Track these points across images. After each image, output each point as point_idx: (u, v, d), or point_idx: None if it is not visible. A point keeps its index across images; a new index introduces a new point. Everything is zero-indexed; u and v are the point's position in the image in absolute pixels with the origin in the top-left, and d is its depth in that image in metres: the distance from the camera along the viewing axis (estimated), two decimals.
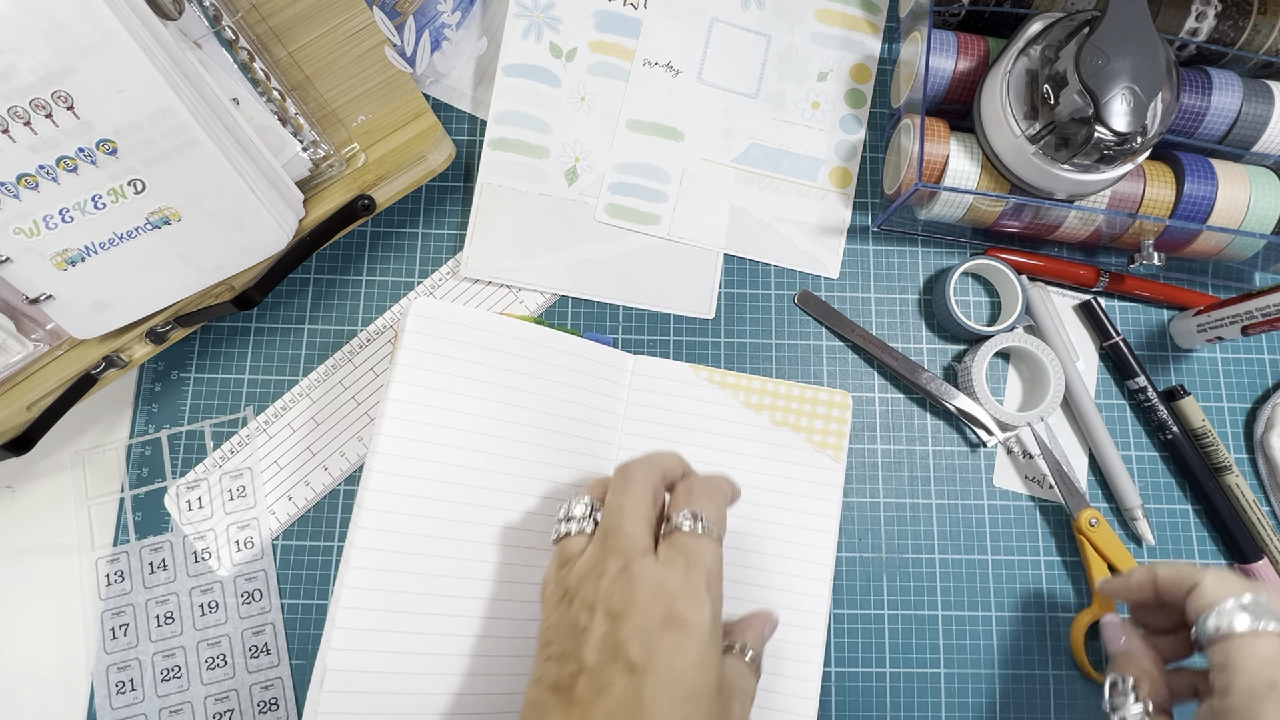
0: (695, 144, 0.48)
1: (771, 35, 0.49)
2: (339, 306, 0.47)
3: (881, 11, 0.51)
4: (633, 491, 0.33)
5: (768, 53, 0.49)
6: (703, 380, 0.45)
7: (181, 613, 0.42)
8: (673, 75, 0.48)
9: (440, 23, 0.47)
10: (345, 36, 0.41)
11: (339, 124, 0.42)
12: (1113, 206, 0.44)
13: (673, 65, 0.48)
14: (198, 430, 0.45)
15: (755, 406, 0.44)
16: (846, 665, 0.43)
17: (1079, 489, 0.45)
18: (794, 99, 0.49)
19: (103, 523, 0.43)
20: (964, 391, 0.46)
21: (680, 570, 0.30)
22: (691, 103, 0.48)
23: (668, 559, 0.31)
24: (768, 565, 0.42)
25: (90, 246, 0.37)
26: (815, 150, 0.49)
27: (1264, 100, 0.44)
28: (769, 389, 0.45)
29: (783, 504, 0.43)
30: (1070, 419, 0.47)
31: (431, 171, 0.43)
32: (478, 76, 0.49)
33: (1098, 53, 0.38)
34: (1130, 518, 0.45)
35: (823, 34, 0.50)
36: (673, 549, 0.31)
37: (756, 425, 0.44)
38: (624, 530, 0.31)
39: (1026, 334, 0.46)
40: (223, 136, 0.37)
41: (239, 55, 0.39)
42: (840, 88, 0.50)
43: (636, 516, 0.32)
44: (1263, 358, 0.48)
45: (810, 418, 0.44)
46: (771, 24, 0.49)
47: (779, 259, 0.48)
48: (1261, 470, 0.46)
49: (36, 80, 0.33)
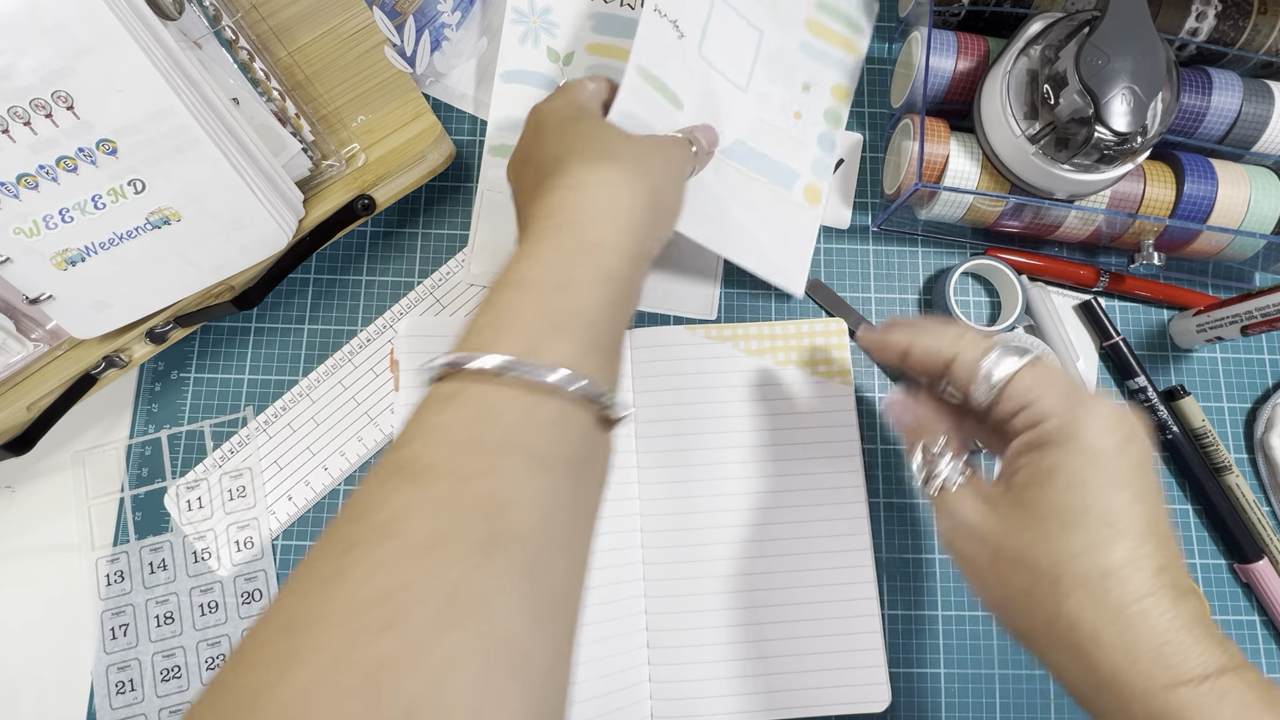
0: (692, 119, 0.44)
1: (764, 30, 0.47)
2: (339, 306, 0.47)
3: (863, 32, 0.50)
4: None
5: (759, 48, 0.46)
6: (700, 339, 0.45)
7: (181, 613, 0.42)
8: (678, 36, 0.43)
9: (440, 23, 0.47)
10: (345, 36, 0.41)
11: (339, 124, 0.42)
12: (1113, 206, 0.44)
13: (679, 25, 0.43)
14: (198, 430, 0.45)
15: (757, 352, 0.45)
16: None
17: None
18: (779, 103, 0.47)
19: (103, 523, 0.43)
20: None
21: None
22: (692, 73, 0.44)
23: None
24: (799, 500, 0.43)
25: (90, 246, 0.37)
26: (794, 162, 0.47)
27: (1264, 100, 0.44)
28: (765, 332, 0.45)
29: (805, 438, 0.44)
30: None
31: (431, 171, 0.43)
32: (478, 76, 0.49)
33: (1098, 53, 0.38)
34: None
35: (810, 44, 0.48)
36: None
37: (762, 370, 0.45)
38: None
39: (1027, 334, 0.46)
40: (223, 136, 0.37)
41: (239, 55, 0.39)
42: (821, 103, 0.48)
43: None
44: (1263, 358, 0.48)
45: (811, 350, 0.45)
46: (767, 19, 0.47)
47: (752, 264, 0.44)
48: (1261, 470, 0.46)
49: (36, 80, 0.33)
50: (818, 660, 0.41)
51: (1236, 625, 0.45)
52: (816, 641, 0.41)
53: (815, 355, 0.45)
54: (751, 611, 0.41)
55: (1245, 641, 0.44)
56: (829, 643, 0.41)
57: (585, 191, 0.31)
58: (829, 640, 0.41)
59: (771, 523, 0.42)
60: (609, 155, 0.33)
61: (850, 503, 0.43)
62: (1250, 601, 0.45)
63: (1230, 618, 0.45)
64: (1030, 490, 0.29)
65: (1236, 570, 0.45)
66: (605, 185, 0.31)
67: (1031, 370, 0.30)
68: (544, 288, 0.27)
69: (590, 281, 0.28)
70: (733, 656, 0.41)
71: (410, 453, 0.24)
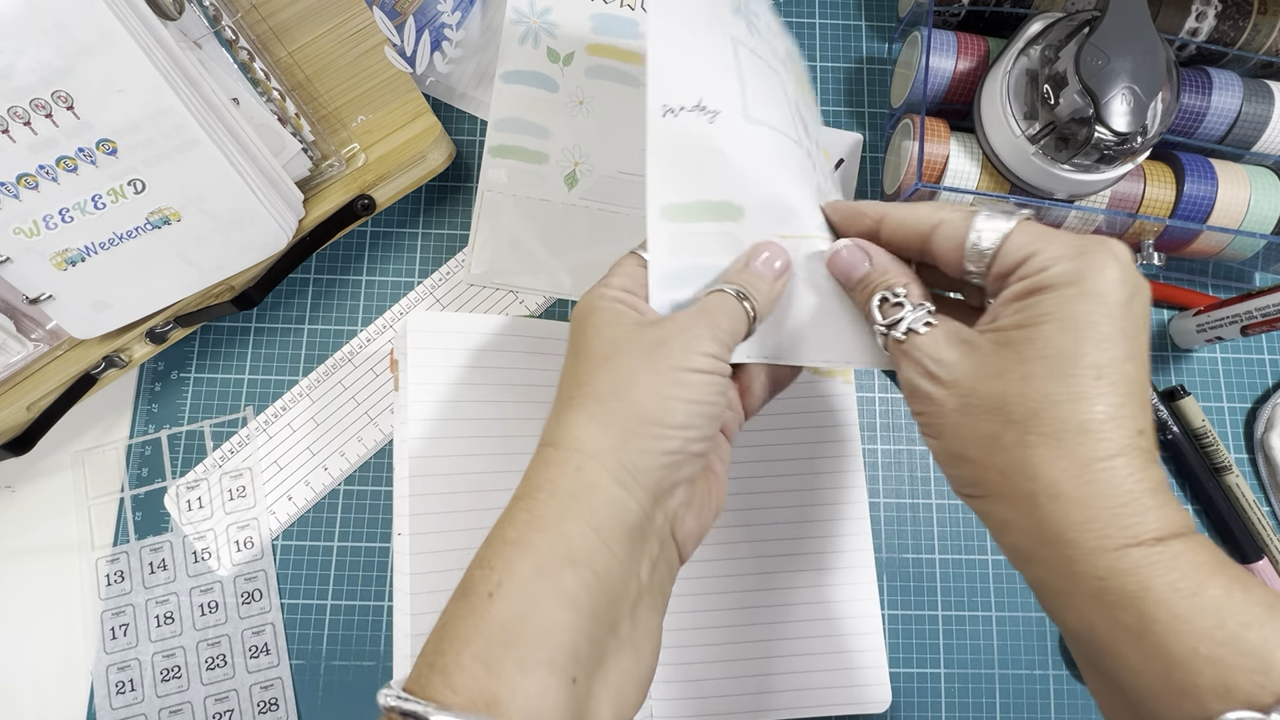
0: (761, 219, 0.31)
1: (780, 71, 0.35)
2: (339, 306, 0.47)
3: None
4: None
5: (785, 88, 0.35)
6: None
7: (181, 613, 0.42)
8: (710, 120, 0.30)
9: (440, 23, 0.47)
10: (345, 36, 0.41)
11: (339, 124, 0.42)
12: (1113, 206, 0.44)
13: (704, 105, 0.30)
14: (198, 430, 0.45)
15: None
16: None
17: None
18: (818, 147, 0.37)
19: (103, 523, 0.43)
20: None
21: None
22: (747, 153, 0.31)
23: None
24: (799, 500, 0.43)
25: (90, 246, 0.37)
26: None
27: (1264, 100, 0.44)
28: None
29: (806, 438, 0.44)
30: None
31: (431, 171, 0.43)
32: (478, 76, 0.49)
33: (1098, 53, 0.38)
34: None
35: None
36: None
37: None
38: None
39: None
40: (223, 136, 0.37)
41: (239, 55, 0.39)
42: (820, 135, 0.40)
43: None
44: (1263, 358, 0.48)
45: None
46: (776, 53, 0.36)
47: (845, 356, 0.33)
48: (1261, 470, 0.46)
49: (36, 80, 0.33)
50: (818, 660, 0.41)
51: None
52: (817, 642, 0.41)
53: None
54: (751, 611, 0.41)
55: None
56: (829, 643, 0.41)
57: (556, 470, 0.26)
58: (829, 640, 0.41)
59: (772, 522, 0.42)
60: (597, 393, 0.27)
61: (851, 503, 0.43)
62: None
63: None
64: (1020, 332, 0.26)
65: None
66: (579, 453, 0.26)
67: (1027, 225, 0.28)
68: (500, 618, 0.24)
69: (555, 608, 0.24)
70: (733, 656, 0.41)
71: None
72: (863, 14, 0.52)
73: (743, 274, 0.30)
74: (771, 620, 0.41)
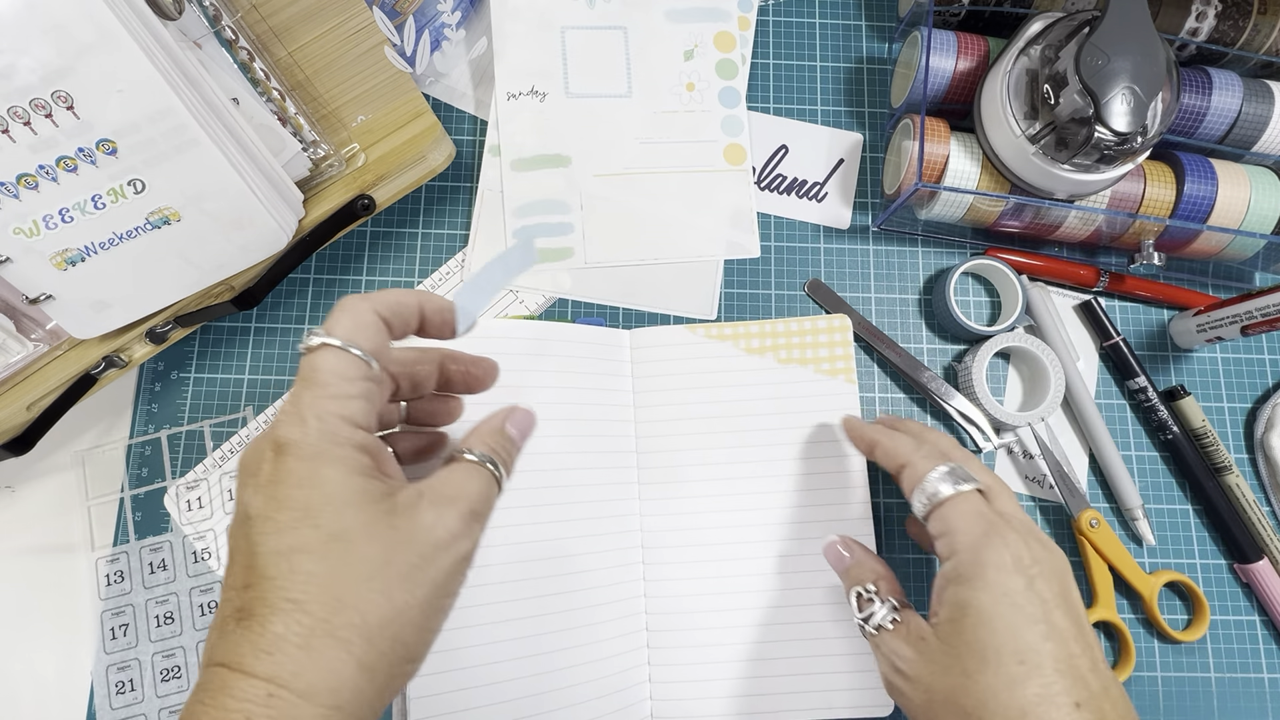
0: (584, 163, 0.46)
1: (627, 27, 0.47)
2: None
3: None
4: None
5: (628, 45, 0.47)
6: (700, 338, 0.45)
7: (181, 613, 0.42)
8: (540, 100, 0.46)
9: (440, 23, 0.47)
10: (345, 36, 0.41)
11: (339, 124, 0.42)
12: (1113, 206, 0.44)
13: (536, 89, 0.46)
14: (198, 430, 0.45)
15: (758, 350, 0.45)
16: None
17: (1079, 489, 0.45)
18: (667, 86, 0.48)
19: (103, 523, 0.43)
20: (964, 391, 0.46)
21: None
22: (567, 121, 0.47)
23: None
24: (801, 500, 0.43)
25: (90, 246, 0.37)
26: (703, 133, 0.48)
27: (1264, 100, 0.44)
28: (767, 330, 0.45)
29: (807, 437, 0.43)
30: (1070, 419, 0.47)
31: (431, 171, 0.43)
32: (478, 76, 0.49)
33: (1098, 53, 0.38)
34: (1131, 518, 0.45)
35: (677, 10, 0.48)
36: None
37: (764, 369, 0.44)
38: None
39: (1027, 334, 0.46)
40: (223, 136, 0.37)
41: (239, 55, 0.39)
42: (709, 62, 0.48)
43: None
44: (1263, 358, 0.48)
45: (814, 348, 0.45)
46: (624, 14, 0.48)
47: (700, 253, 0.46)
48: (1261, 470, 0.46)
49: (36, 80, 0.33)
50: (820, 663, 0.41)
51: (1236, 625, 0.45)
52: (818, 644, 0.41)
53: (818, 353, 0.45)
54: (753, 612, 0.41)
55: (1245, 642, 0.44)
56: (832, 645, 0.41)
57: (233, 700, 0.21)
58: (832, 643, 0.41)
59: (773, 523, 0.42)
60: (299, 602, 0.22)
61: (853, 503, 0.43)
62: (1250, 601, 0.45)
63: (1230, 618, 0.45)
64: (951, 626, 0.30)
65: (1236, 570, 0.45)
66: (263, 682, 0.21)
67: (958, 500, 0.32)
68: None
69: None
70: (734, 657, 0.41)
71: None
72: (863, 14, 0.52)
73: (497, 436, 0.27)
74: (772, 621, 0.41)
